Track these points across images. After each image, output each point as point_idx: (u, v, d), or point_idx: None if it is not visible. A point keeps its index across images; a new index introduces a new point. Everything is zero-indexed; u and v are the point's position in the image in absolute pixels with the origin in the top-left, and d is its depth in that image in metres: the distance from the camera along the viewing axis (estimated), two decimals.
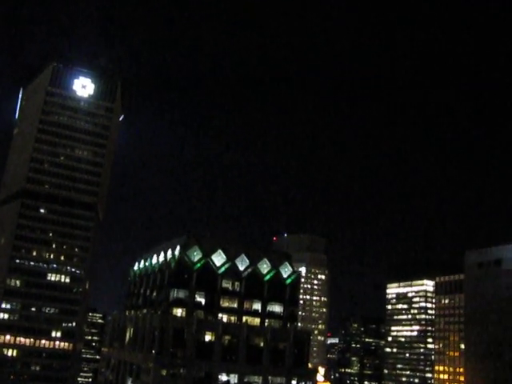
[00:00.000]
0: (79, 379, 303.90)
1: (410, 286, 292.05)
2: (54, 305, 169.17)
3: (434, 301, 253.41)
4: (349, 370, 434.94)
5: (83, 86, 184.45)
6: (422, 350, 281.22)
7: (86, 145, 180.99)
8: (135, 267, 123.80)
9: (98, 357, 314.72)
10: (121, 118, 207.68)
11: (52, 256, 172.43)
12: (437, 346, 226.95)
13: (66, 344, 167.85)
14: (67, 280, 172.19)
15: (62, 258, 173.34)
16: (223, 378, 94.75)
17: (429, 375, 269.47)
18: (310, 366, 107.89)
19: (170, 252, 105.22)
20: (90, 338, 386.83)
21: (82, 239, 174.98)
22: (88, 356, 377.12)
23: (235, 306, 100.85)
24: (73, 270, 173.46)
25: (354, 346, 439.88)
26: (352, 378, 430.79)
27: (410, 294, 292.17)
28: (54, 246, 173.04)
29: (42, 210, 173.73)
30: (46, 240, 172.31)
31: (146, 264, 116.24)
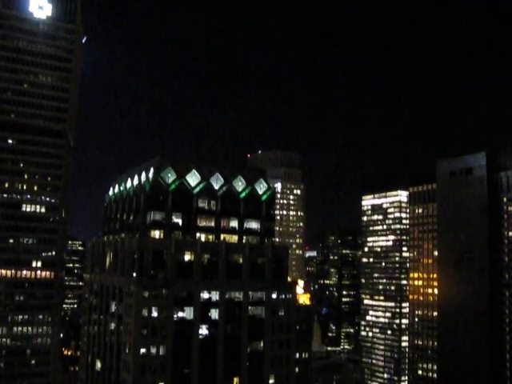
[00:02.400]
0: (64, 306, 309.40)
1: (385, 197, 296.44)
2: (32, 235, 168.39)
3: (408, 211, 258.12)
4: (327, 281, 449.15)
5: (40, 7, 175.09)
6: (397, 259, 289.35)
7: (49, 70, 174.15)
8: (110, 192, 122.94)
9: (81, 283, 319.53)
10: (84, 40, 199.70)
11: (25, 187, 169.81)
12: (411, 255, 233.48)
13: (48, 273, 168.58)
14: (43, 210, 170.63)
15: (36, 188, 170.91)
16: (205, 295, 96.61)
17: (404, 282, 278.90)
18: (289, 279, 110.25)
19: (144, 175, 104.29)
20: (71, 265, 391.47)
21: (54, 168, 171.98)
22: (71, 283, 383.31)
23: (212, 224, 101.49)
24: (47, 199, 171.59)
25: (331, 257, 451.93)
26: (331, 288, 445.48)
27: (384, 205, 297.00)
28: (26, 176, 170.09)
29: (10, 141, 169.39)
30: (18, 171, 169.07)
31: (121, 188, 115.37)
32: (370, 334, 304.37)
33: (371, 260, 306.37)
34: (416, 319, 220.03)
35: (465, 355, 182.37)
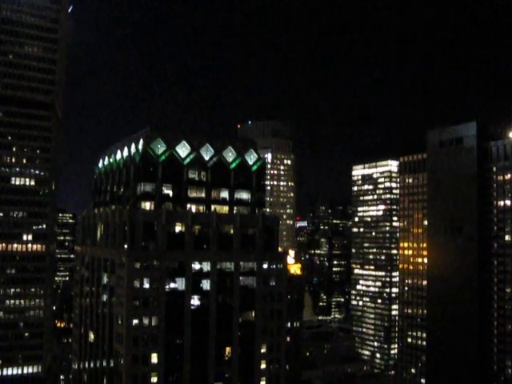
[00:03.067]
0: (56, 279, 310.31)
1: (375, 167, 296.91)
2: (22, 208, 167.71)
3: (398, 180, 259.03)
4: (318, 251, 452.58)
5: None
6: (387, 229, 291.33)
7: (35, 40, 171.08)
8: (100, 164, 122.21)
9: (72, 256, 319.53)
10: (70, 10, 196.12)
11: (13, 159, 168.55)
12: (401, 224, 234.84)
13: (39, 246, 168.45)
14: (32, 183, 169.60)
15: (24, 160, 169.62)
16: (196, 266, 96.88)
17: (394, 252, 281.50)
18: (280, 249, 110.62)
19: (133, 146, 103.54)
20: (62, 238, 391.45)
21: (43, 140, 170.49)
22: (62, 256, 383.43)
23: (203, 195, 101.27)
24: (36, 172, 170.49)
25: (322, 228, 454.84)
26: (322, 258, 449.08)
27: (375, 175, 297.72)
28: (14, 149, 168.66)
29: None
30: (6, 144, 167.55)
31: (111, 160, 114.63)
32: (361, 303, 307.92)
33: (361, 230, 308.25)
34: (406, 288, 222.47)
35: (453, 323, 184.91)
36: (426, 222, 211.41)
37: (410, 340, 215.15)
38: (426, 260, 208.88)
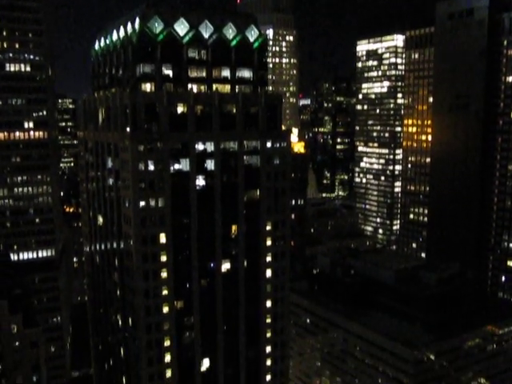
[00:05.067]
0: (61, 165, 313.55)
1: (380, 41, 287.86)
2: (20, 95, 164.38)
3: (403, 56, 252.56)
4: (322, 129, 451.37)
5: None
6: (391, 106, 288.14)
7: None
8: (96, 46, 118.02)
9: (75, 142, 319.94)
10: None
11: (5, 44, 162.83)
12: (406, 101, 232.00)
13: (41, 133, 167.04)
14: (28, 68, 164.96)
15: (17, 45, 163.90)
16: (200, 147, 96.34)
17: (398, 129, 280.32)
18: (283, 128, 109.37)
19: (129, 26, 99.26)
20: (64, 124, 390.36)
21: (34, 22, 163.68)
22: (66, 142, 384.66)
23: (204, 75, 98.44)
24: (31, 56, 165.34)
25: (325, 105, 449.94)
26: (325, 136, 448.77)
27: (380, 51, 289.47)
28: (4, 33, 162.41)
29: None
30: None
31: (107, 41, 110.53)
32: (364, 180, 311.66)
33: (365, 107, 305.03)
34: (409, 165, 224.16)
35: (455, 200, 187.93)
36: (431, 99, 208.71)
37: (411, 216, 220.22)
38: (429, 137, 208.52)
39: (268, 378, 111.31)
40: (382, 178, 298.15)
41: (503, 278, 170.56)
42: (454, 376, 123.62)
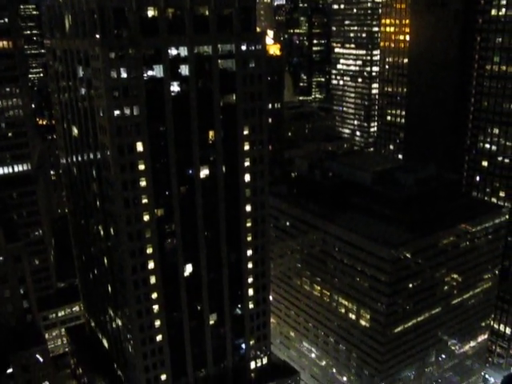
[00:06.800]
0: (30, 76, 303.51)
1: None
2: None
3: None
4: (297, 31, 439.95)
5: None
6: (369, 5, 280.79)
7: None
8: None
9: (43, 51, 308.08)
10: None
11: None
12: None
13: (5, 43, 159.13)
14: None
15: None
16: (173, 52, 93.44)
17: (375, 29, 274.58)
18: (258, 29, 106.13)
19: None
20: (28, 32, 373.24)
21: None
22: (33, 52, 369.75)
23: None
24: None
25: (301, 5, 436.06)
26: (301, 37, 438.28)
27: None
28: None
29: None
30: None
31: None
32: (341, 82, 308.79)
33: (342, 6, 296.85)
34: (386, 66, 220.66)
35: (432, 101, 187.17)
36: None
37: (388, 118, 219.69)
38: (407, 37, 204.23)
39: (250, 280, 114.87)
40: (359, 79, 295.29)
41: (478, 178, 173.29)
42: (429, 273, 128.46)
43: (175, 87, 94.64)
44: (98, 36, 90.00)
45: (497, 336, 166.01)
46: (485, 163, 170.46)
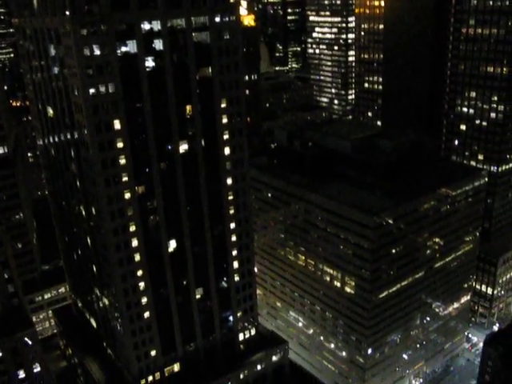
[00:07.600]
0: (0, 57, 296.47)
1: None
2: None
3: None
4: (271, 0, 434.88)
5: None
6: None
7: None
8: None
9: (12, 30, 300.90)
10: None
11: None
12: None
13: None
14: None
15: None
16: (146, 26, 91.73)
17: None
18: (231, 0, 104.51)
19: None
20: None
21: None
22: (1, 31, 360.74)
23: None
24: None
25: None
26: (275, 7, 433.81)
27: None
28: None
29: None
30: None
31: None
32: (317, 51, 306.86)
33: None
34: (362, 33, 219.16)
35: (409, 66, 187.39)
36: None
37: (366, 85, 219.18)
38: (382, 3, 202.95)
39: (234, 252, 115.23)
40: (336, 47, 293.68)
41: (456, 142, 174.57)
42: (411, 238, 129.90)
43: (150, 62, 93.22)
44: (67, 13, 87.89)
45: (479, 296, 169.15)
46: (463, 127, 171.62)
